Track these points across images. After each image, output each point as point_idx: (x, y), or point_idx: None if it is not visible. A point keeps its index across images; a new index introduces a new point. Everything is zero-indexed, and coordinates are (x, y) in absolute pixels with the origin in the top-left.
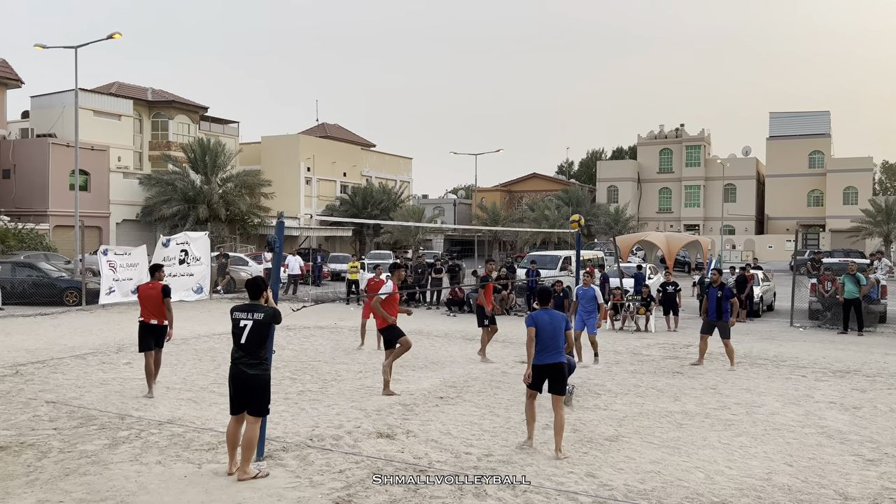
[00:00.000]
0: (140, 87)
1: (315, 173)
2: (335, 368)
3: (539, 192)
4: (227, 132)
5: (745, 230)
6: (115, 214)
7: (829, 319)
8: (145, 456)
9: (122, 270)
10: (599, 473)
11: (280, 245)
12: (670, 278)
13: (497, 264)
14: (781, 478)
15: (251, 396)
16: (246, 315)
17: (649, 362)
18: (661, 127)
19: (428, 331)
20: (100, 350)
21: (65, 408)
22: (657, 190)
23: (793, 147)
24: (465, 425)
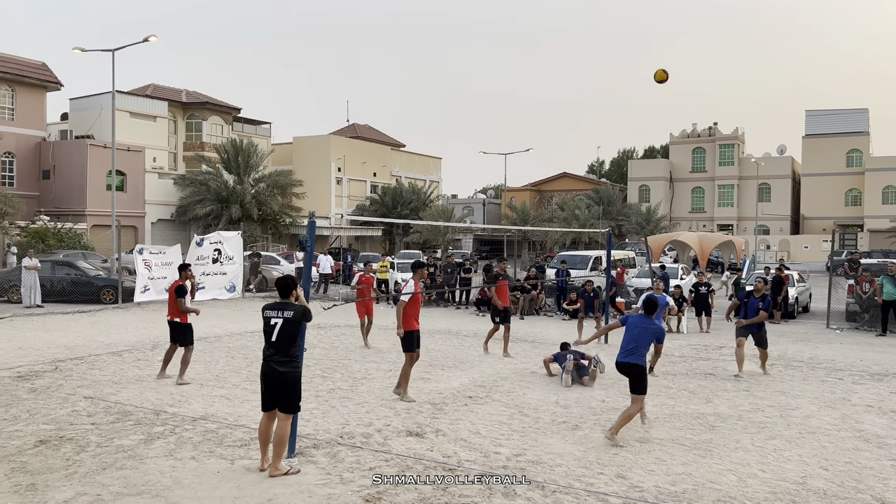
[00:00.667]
0: (174, 89)
1: (345, 173)
2: (365, 367)
3: (569, 192)
4: (260, 133)
5: (780, 230)
6: (150, 214)
7: (866, 321)
8: (179, 451)
9: (156, 269)
10: (629, 475)
11: (311, 244)
12: (703, 279)
13: (526, 264)
14: (817, 482)
15: (282, 393)
16: (276, 313)
17: (681, 363)
18: (694, 125)
19: (457, 330)
20: (135, 347)
21: (102, 403)
22: (690, 189)
23: (830, 145)
24: (495, 425)
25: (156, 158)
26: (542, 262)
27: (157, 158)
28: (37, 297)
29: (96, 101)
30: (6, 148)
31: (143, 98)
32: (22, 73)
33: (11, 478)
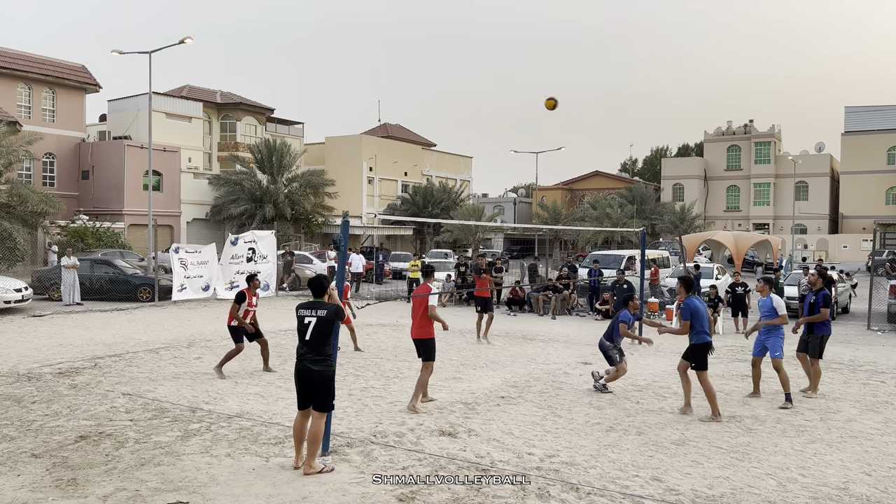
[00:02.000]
0: (209, 90)
1: (377, 173)
2: (397, 366)
3: (601, 191)
4: (293, 133)
5: (818, 229)
6: (185, 213)
7: None
8: (215, 448)
9: (192, 268)
10: (665, 478)
11: (345, 244)
12: (739, 279)
13: (557, 263)
14: (859, 487)
15: (316, 391)
16: (310, 312)
17: (717, 364)
18: (729, 123)
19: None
20: (171, 345)
21: (140, 400)
22: (725, 188)
23: (869, 142)
24: (527, 425)
25: (191, 158)
26: (574, 262)
27: (193, 158)
28: (76, 295)
29: (133, 102)
30: (47, 149)
31: (179, 99)
32: (62, 76)
33: (53, 472)
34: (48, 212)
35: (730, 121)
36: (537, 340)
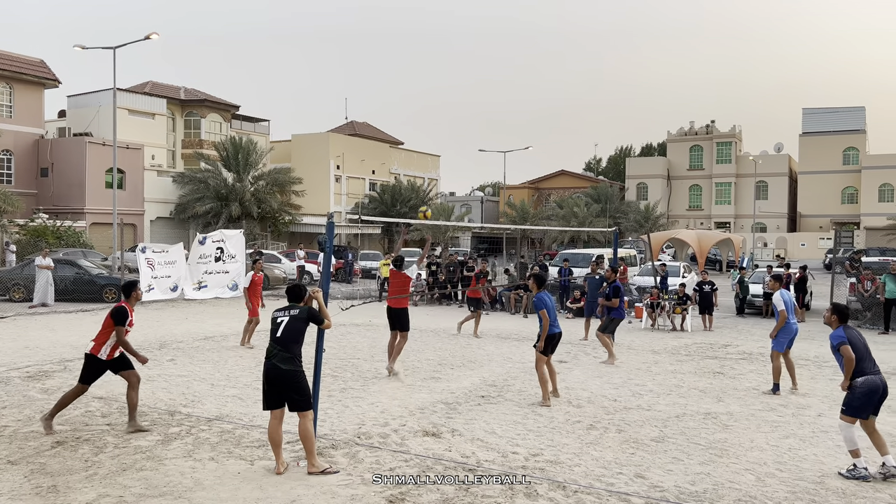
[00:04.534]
0: (173, 86)
1: (344, 171)
2: (374, 366)
3: (567, 190)
4: (258, 130)
5: (777, 228)
6: (149, 212)
7: (868, 319)
8: (198, 452)
9: (160, 268)
10: (648, 475)
11: (330, 245)
12: (706, 277)
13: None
14: (835, 481)
15: (288, 391)
16: (283, 313)
17: (689, 362)
18: (692, 123)
19: (463, 330)
20: (142, 347)
21: (115, 403)
22: (687, 187)
23: (826, 143)
24: (510, 424)
25: (154, 156)
26: (545, 261)
27: (156, 156)
28: (50, 296)
29: (94, 98)
30: (4, 145)
31: (142, 95)
32: (20, 70)
33: (32, 479)
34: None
35: (692, 121)
36: (511, 339)
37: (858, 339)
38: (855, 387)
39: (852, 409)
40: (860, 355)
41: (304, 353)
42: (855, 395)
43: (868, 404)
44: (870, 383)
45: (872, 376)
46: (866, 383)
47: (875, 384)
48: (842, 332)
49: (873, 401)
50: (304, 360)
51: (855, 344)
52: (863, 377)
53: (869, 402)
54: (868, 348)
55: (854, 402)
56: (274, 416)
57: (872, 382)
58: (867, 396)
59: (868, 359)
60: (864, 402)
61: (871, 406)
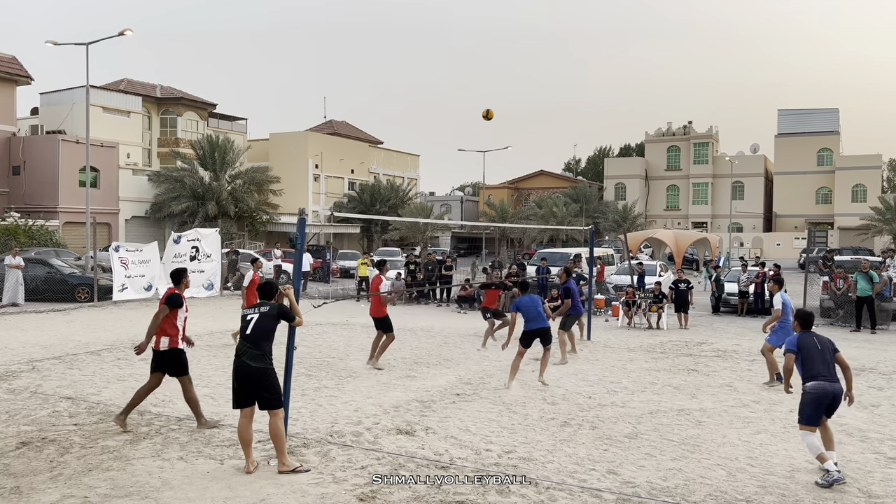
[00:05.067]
0: (149, 84)
1: (323, 170)
2: (349, 365)
3: (546, 190)
4: (236, 129)
5: (753, 228)
6: (124, 211)
7: (841, 317)
8: (167, 452)
9: (133, 267)
10: (621, 471)
11: (302, 242)
12: (682, 276)
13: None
14: (804, 476)
15: (258, 389)
16: (253, 311)
17: (663, 359)
18: (669, 124)
19: (440, 328)
20: (114, 346)
21: (83, 403)
22: (665, 187)
23: (801, 144)
24: (484, 422)
25: (130, 154)
26: (523, 260)
27: (131, 154)
28: (20, 296)
29: (68, 95)
30: None
31: (117, 93)
32: None
33: None
34: None
35: (670, 122)
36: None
37: (814, 346)
38: (805, 392)
39: (805, 416)
40: (813, 361)
41: (276, 351)
42: (805, 401)
43: (818, 410)
44: (819, 389)
45: (823, 382)
46: (815, 388)
47: (824, 390)
48: (794, 340)
49: (822, 406)
50: (276, 358)
51: (808, 350)
52: (813, 382)
53: (818, 407)
54: (825, 355)
55: (805, 409)
56: (244, 414)
57: (822, 388)
58: (816, 402)
59: (821, 364)
60: (814, 408)
61: (820, 412)
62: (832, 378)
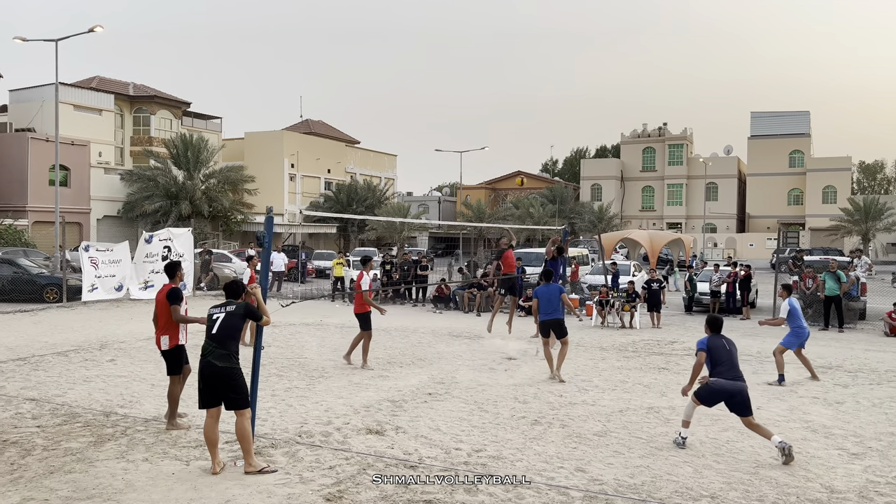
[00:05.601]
0: (121, 82)
1: (299, 170)
2: (322, 365)
3: (523, 190)
4: (210, 128)
5: (727, 228)
6: (95, 210)
7: (809, 316)
8: (132, 453)
9: (104, 267)
10: (589, 468)
11: (269, 240)
12: (655, 275)
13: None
14: (768, 471)
15: (224, 389)
16: (219, 310)
17: (635, 358)
18: (645, 126)
19: (414, 327)
20: (82, 347)
21: (48, 405)
22: (640, 188)
23: (773, 146)
24: (455, 421)
25: (101, 153)
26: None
27: (103, 153)
28: None
29: (38, 92)
30: None
31: (88, 91)
32: None
33: None
34: None
35: (645, 123)
36: (463, 337)
37: (723, 348)
38: (709, 384)
39: (700, 396)
40: (720, 362)
41: (243, 350)
42: (706, 388)
43: (712, 398)
44: (718, 385)
45: (725, 381)
46: (717, 384)
47: (723, 387)
48: (704, 341)
49: (718, 398)
50: (244, 357)
51: (717, 350)
52: (716, 379)
53: (713, 397)
54: (732, 358)
55: (702, 391)
56: (210, 415)
57: (721, 385)
58: (713, 393)
59: (727, 365)
60: (709, 396)
61: (713, 401)
62: (736, 377)
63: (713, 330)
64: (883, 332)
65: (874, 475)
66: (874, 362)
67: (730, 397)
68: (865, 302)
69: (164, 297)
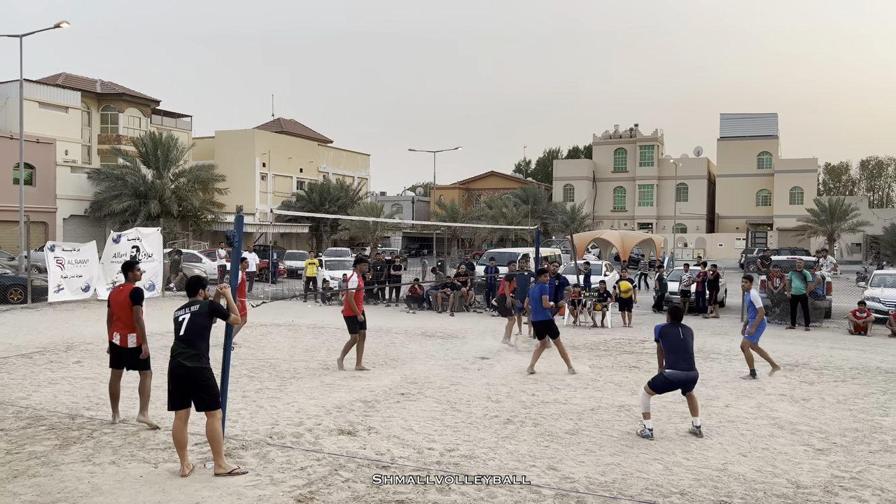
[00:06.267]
0: (88, 79)
1: (270, 169)
2: (293, 366)
3: (497, 190)
4: (180, 126)
5: (697, 228)
6: (62, 209)
7: (777, 315)
8: (98, 456)
9: (70, 267)
10: (561, 467)
11: (239, 240)
12: (626, 275)
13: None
14: (737, 468)
15: (194, 390)
16: (184, 311)
17: (607, 357)
18: (616, 127)
19: (388, 328)
20: (47, 349)
21: (11, 408)
22: (612, 189)
23: (742, 148)
24: (427, 421)
25: (68, 151)
26: (472, 260)
27: (70, 151)
28: None
29: (2, 89)
30: None
31: (54, 88)
32: None
33: None
34: None
35: (616, 125)
36: (436, 337)
37: (677, 336)
38: (664, 373)
39: (654, 386)
40: (675, 350)
41: (213, 351)
42: (660, 378)
43: (666, 387)
44: (673, 376)
45: (679, 372)
46: (672, 375)
47: (678, 377)
48: (658, 328)
49: (672, 387)
50: (214, 358)
51: (671, 339)
52: (671, 370)
53: (668, 386)
54: (686, 347)
55: (657, 381)
56: (179, 416)
57: (676, 376)
58: (667, 382)
59: (681, 355)
60: (664, 385)
61: (668, 389)
62: (689, 367)
63: (673, 318)
64: (847, 331)
65: (839, 470)
66: (839, 360)
67: (683, 385)
68: (831, 301)
69: (126, 297)
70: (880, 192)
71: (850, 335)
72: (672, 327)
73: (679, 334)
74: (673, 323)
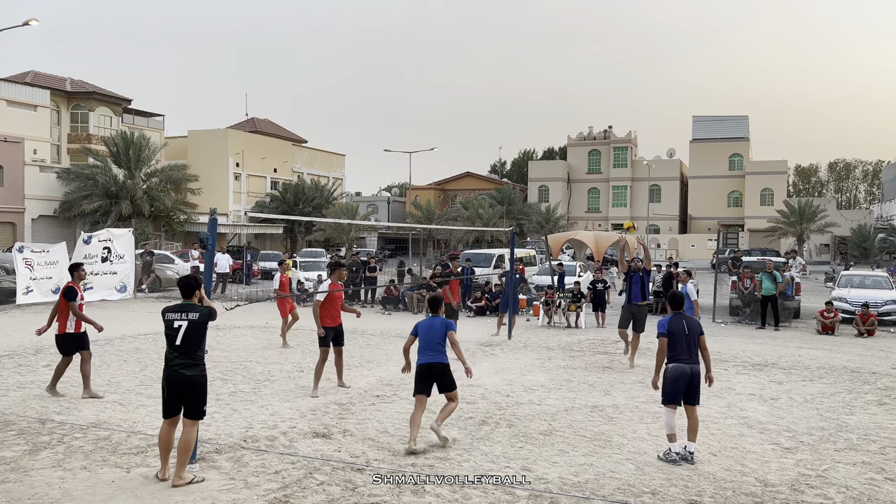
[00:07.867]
0: (58, 77)
1: (244, 169)
2: (267, 368)
3: (472, 191)
4: (152, 125)
5: (670, 229)
6: (30, 210)
7: (748, 315)
8: (69, 461)
9: (39, 269)
10: (534, 468)
11: (213, 241)
12: (600, 276)
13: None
14: (707, 467)
15: (188, 399)
16: (180, 315)
17: (580, 357)
18: (591, 128)
19: (363, 329)
20: (16, 352)
21: None
22: (586, 190)
23: (714, 150)
24: (403, 423)
25: (37, 150)
26: (447, 261)
27: (39, 150)
28: None
29: None
30: None
31: (23, 85)
32: None
33: None
34: None
35: (591, 126)
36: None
37: (682, 329)
38: (665, 373)
39: (667, 395)
40: (678, 344)
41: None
42: (665, 381)
43: (676, 387)
44: (677, 370)
45: (682, 365)
46: (674, 370)
47: (682, 371)
48: (664, 324)
49: (680, 386)
50: None
51: (676, 334)
52: (673, 364)
53: (676, 387)
54: (689, 338)
55: (666, 388)
56: (170, 423)
57: (680, 369)
58: (674, 382)
59: (685, 346)
60: (673, 387)
61: (679, 388)
62: (692, 361)
63: (674, 308)
64: (815, 331)
65: (805, 468)
66: (807, 359)
67: (688, 381)
68: (800, 301)
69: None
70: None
71: (818, 335)
72: (677, 321)
73: (683, 329)
74: (677, 314)
